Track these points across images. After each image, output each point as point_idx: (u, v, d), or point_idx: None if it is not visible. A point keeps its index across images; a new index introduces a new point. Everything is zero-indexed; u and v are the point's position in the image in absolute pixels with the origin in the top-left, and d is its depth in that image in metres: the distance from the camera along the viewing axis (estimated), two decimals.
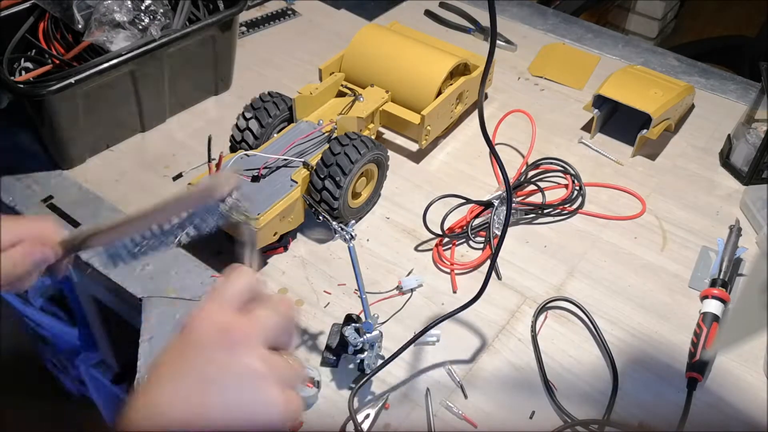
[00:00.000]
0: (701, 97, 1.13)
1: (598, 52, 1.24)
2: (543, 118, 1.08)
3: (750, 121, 1.00)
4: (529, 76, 1.19)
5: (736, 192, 0.98)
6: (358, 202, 0.91)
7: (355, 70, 1.04)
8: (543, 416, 0.72)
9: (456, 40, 1.25)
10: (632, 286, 0.85)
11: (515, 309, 0.82)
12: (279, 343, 0.47)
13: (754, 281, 0.45)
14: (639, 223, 0.93)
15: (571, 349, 0.78)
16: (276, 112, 0.91)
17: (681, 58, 1.23)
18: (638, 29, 2.42)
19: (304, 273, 0.86)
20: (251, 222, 0.60)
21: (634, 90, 1.03)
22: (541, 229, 0.92)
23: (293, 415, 0.46)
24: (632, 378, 0.76)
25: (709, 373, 0.76)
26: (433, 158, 1.03)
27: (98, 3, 0.94)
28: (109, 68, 0.91)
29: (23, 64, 0.96)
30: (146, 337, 0.78)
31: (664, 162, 1.02)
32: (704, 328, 0.77)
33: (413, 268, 0.87)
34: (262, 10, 1.32)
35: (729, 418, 0.73)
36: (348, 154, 0.84)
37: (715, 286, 0.81)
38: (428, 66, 1.00)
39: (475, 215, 0.91)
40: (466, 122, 1.09)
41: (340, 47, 1.07)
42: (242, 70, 1.15)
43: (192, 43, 1.01)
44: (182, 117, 1.07)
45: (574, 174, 0.96)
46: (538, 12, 1.35)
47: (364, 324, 0.70)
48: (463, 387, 0.74)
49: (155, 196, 0.90)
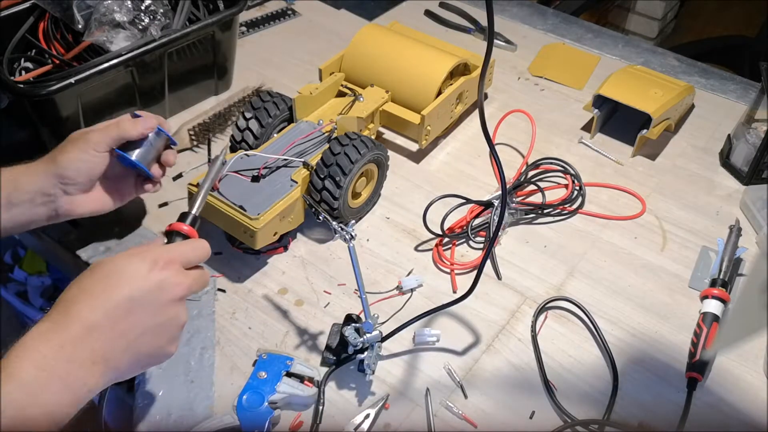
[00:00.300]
0: (701, 97, 1.13)
1: (598, 52, 1.24)
2: (543, 118, 1.08)
3: (750, 121, 1.00)
4: (529, 76, 1.19)
5: (736, 192, 0.98)
6: (358, 202, 0.91)
7: (355, 70, 1.04)
8: (543, 416, 0.72)
9: (456, 40, 1.25)
10: (632, 286, 0.85)
11: (515, 309, 0.82)
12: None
13: (754, 281, 0.45)
14: (639, 223, 0.93)
15: (571, 349, 0.78)
16: (276, 112, 0.91)
17: (681, 58, 1.23)
18: (638, 29, 2.42)
19: (304, 273, 0.86)
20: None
21: (634, 90, 1.03)
22: (541, 229, 0.92)
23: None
24: (632, 378, 0.76)
25: (709, 373, 0.76)
26: (433, 158, 1.03)
27: (98, 3, 0.94)
28: (109, 68, 0.91)
29: (23, 64, 0.96)
30: None
31: (664, 162, 1.02)
32: (704, 328, 0.77)
33: (413, 268, 0.87)
34: (262, 10, 1.32)
35: (729, 418, 0.73)
36: (348, 154, 0.84)
37: (715, 286, 0.81)
38: (428, 66, 1.00)
39: (475, 215, 0.91)
40: (466, 122, 1.09)
41: (340, 47, 1.07)
42: (242, 70, 1.15)
43: (192, 43, 1.01)
44: (182, 117, 1.07)
45: (574, 174, 0.96)
46: (538, 12, 1.35)
47: (364, 324, 0.70)
48: (463, 387, 0.74)
49: (155, 196, 0.91)
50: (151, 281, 0.57)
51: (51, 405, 0.52)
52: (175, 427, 0.70)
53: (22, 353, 0.52)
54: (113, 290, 0.55)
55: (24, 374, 0.51)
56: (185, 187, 0.86)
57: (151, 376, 0.74)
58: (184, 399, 0.73)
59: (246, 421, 0.69)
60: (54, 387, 0.52)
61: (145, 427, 0.70)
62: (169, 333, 0.59)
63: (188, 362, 0.76)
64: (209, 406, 0.72)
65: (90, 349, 0.54)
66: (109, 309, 0.55)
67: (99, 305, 0.55)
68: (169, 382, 0.74)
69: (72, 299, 0.55)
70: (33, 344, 0.53)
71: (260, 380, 0.72)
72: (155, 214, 0.92)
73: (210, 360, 0.76)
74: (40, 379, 0.51)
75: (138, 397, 0.72)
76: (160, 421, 0.71)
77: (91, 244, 0.88)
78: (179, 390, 0.74)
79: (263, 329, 0.80)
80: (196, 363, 0.76)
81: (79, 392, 0.53)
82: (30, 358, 0.52)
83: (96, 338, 0.54)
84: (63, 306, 0.55)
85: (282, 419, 0.71)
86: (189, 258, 0.61)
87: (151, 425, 0.70)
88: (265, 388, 0.71)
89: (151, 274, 0.57)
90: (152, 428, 0.70)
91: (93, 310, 0.54)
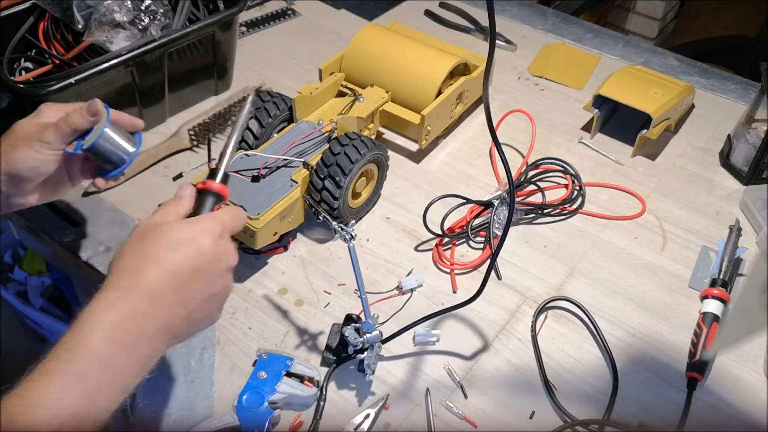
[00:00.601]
0: (701, 97, 1.13)
1: (598, 52, 1.24)
2: (543, 118, 1.08)
3: (750, 121, 1.00)
4: (529, 76, 1.19)
5: (736, 192, 0.98)
6: (358, 202, 0.91)
7: (355, 70, 1.04)
8: (543, 416, 0.72)
9: (456, 40, 1.25)
10: (632, 286, 0.85)
11: (515, 309, 0.82)
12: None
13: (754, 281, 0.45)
14: (639, 223, 0.93)
15: (571, 349, 0.78)
16: (276, 112, 0.91)
17: (681, 58, 1.23)
18: (638, 29, 2.42)
19: (304, 273, 0.86)
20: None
21: (634, 90, 1.03)
22: (541, 229, 0.92)
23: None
24: (632, 378, 0.76)
25: (709, 373, 0.76)
26: (433, 158, 1.03)
27: (98, 3, 0.94)
28: (109, 68, 0.91)
29: (23, 64, 0.96)
30: None
31: (664, 162, 1.02)
32: (704, 328, 0.77)
33: (413, 268, 0.87)
34: (262, 10, 1.32)
35: (729, 418, 0.73)
36: (348, 154, 0.84)
37: (715, 286, 0.81)
38: (428, 66, 1.00)
39: (475, 215, 0.91)
40: (466, 122, 1.09)
41: (340, 47, 1.07)
42: (242, 70, 1.15)
43: (192, 43, 1.01)
44: (182, 117, 1.07)
45: (574, 174, 0.96)
46: (538, 12, 1.35)
47: (364, 324, 0.70)
48: (463, 387, 0.74)
49: (155, 196, 0.91)
50: (214, 252, 0.58)
51: (120, 374, 0.53)
52: (175, 427, 0.70)
53: (92, 321, 0.53)
54: (180, 260, 0.56)
55: (95, 345, 0.52)
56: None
57: (152, 376, 0.74)
58: (184, 399, 0.73)
59: (246, 421, 0.69)
60: (122, 358, 0.53)
61: (145, 427, 0.70)
62: (221, 300, 0.61)
63: (188, 362, 0.76)
64: (209, 406, 0.72)
65: (157, 321, 0.55)
66: (175, 279, 0.56)
67: (165, 275, 0.56)
68: (169, 382, 0.74)
69: (138, 266, 0.56)
70: (102, 313, 0.54)
71: (260, 380, 0.72)
72: None
73: (210, 360, 0.76)
74: (110, 351, 0.52)
75: (138, 397, 0.72)
76: (160, 421, 0.71)
77: (91, 244, 0.88)
78: (179, 390, 0.74)
79: (263, 329, 0.80)
80: (196, 363, 0.76)
81: (144, 362, 0.55)
82: (100, 328, 0.53)
83: (161, 308, 0.55)
84: (130, 273, 0.56)
85: (282, 419, 0.71)
86: (236, 228, 0.63)
87: (151, 425, 0.71)
88: (265, 388, 0.71)
89: (213, 245, 0.58)
90: (152, 428, 0.70)
91: (159, 279, 0.55)
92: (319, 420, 0.71)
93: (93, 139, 0.72)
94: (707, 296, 0.81)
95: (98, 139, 0.72)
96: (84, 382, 0.51)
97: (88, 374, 0.51)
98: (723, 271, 0.82)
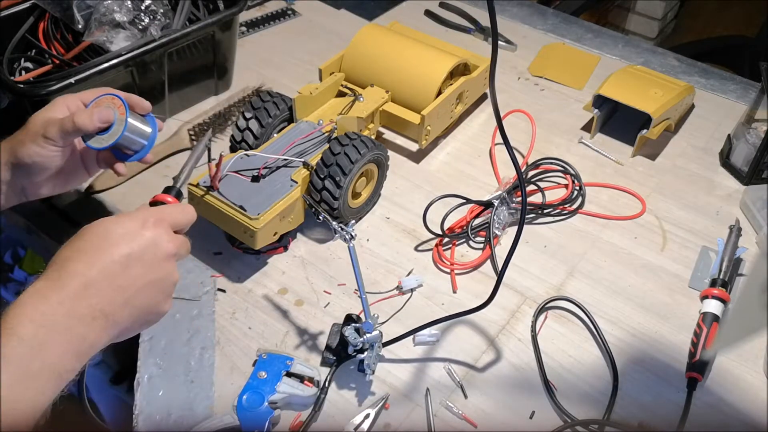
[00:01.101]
0: (701, 97, 1.13)
1: (598, 52, 1.24)
2: (543, 118, 1.08)
3: (750, 121, 1.00)
4: (529, 76, 1.19)
5: (736, 192, 0.98)
6: (358, 202, 0.91)
7: (355, 70, 1.04)
8: (543, 416, 0.72)
9: (456, 40, 1.25)
10: (632, 286, 0.85)
11: (515, 309, 0.82)
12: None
13: (754, 281, 0.45)
14: (639, 223, 0.93)
15: (571, 349, 0.78)
16: (276, 112, 0.91)
17: (681, 58, 1.23)
18: (638, 29, 2.42)
19: (304, 273, 0.86)
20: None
21: (634, 90, 1.03)
22: (541, 229, 0.92)
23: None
24: (632, 378, 0.76)
25: (709, 373, 0.76)
26: (433, 158, 1.03)
27: (98, 3, 0.94)
28: (109, 68, 0.91)
29: (23, 64, 0.96)
30: (146, 337, 0.78)
31: (664, 162, 1.02)
32: (704, 328, 0.77)
33: (413, 268, 0.87)
34: (262, 10, 1.32)
35: (729, 418, 0.73)
36: (348, 154, 0.84)
37: (715, 286, 0.81)
38: (428, 66, 1.00)
39: (475, 215, 0.91)
40: (466, 122, 1.09)
41: (340, 47, 1.07)
42: (242, 70, 1.15)
43: (192, 43, 1.01)
44: (182, 117, 1.07)
45: (574, 174, 0.96)
46: (538, 12, 1.35)
47: (364, 324, 0.70)
48: (463, 387, 0.74)
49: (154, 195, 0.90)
50: (145, 238, 0.58)
51: (54, 360, 0.52)
52: (175, 427, 0.70)
53: (20, 311, 0.52)
54: (108, 248, 0.56)
55: (24, 331, 0.51)
56: (185, 186, 0.86)
57: (152, 376, 0.74)
58: (184, 399, 0.73)
59: (246, 421, 0.69)
60: (55, 342, 0.52)
61: (145, 427, 0.70)
62: (164, 289, 0.60)
63: (188, 362, 0.76)
64: (209, 406, 0.72)
65: (88, 305, 0.54)
66: (105, 265, 0.55)
67: (95, 261, 0.55)
68: (169, 382, 0.74)
69: (67, 258, 0.56)
70: (31, 302, 0.53)
71: (260, 380, 0.72)
72: None
73: (210, 360, 0.76)
74: (41, 335, 0.51)
75: (138, 397, 0.72)
76: (160, 421, 0.71)
77: None
78: (179, 390, 0.74)
79: (263, 329, 0.80)
80: (196, 363, 0.76)
81: (81, 347, 0.54)
82: (29, 316, 0.52)
83: (94, 294, 0.54)
84: (58, 265, 0.55)
85: (282, 419, 0.71)
86: (177, 219, 0.62)
87: (151, 425, 0.70)
88: (265, 388, 0.71)
89: (144, 231, 0.58)
90: (152, 428, 0.70)
91: (89, 266, 0.55)
92: (318, 412, 0.70)
93: (118, 136, 0.72)
94: (707, 296, 0.80)
95: (123, 133, 0.72)
96: (11, 366, 0.49)
97: (17, 356, 0.50)
98: (723, 271, 0.82)
